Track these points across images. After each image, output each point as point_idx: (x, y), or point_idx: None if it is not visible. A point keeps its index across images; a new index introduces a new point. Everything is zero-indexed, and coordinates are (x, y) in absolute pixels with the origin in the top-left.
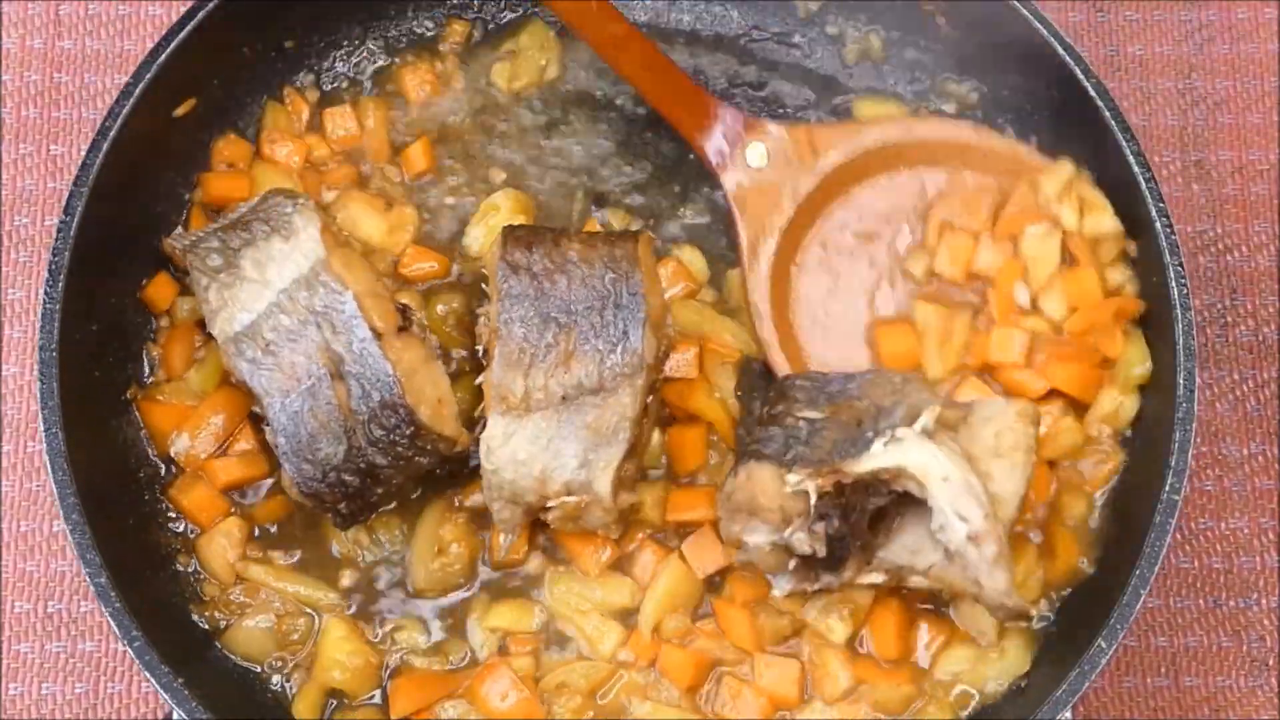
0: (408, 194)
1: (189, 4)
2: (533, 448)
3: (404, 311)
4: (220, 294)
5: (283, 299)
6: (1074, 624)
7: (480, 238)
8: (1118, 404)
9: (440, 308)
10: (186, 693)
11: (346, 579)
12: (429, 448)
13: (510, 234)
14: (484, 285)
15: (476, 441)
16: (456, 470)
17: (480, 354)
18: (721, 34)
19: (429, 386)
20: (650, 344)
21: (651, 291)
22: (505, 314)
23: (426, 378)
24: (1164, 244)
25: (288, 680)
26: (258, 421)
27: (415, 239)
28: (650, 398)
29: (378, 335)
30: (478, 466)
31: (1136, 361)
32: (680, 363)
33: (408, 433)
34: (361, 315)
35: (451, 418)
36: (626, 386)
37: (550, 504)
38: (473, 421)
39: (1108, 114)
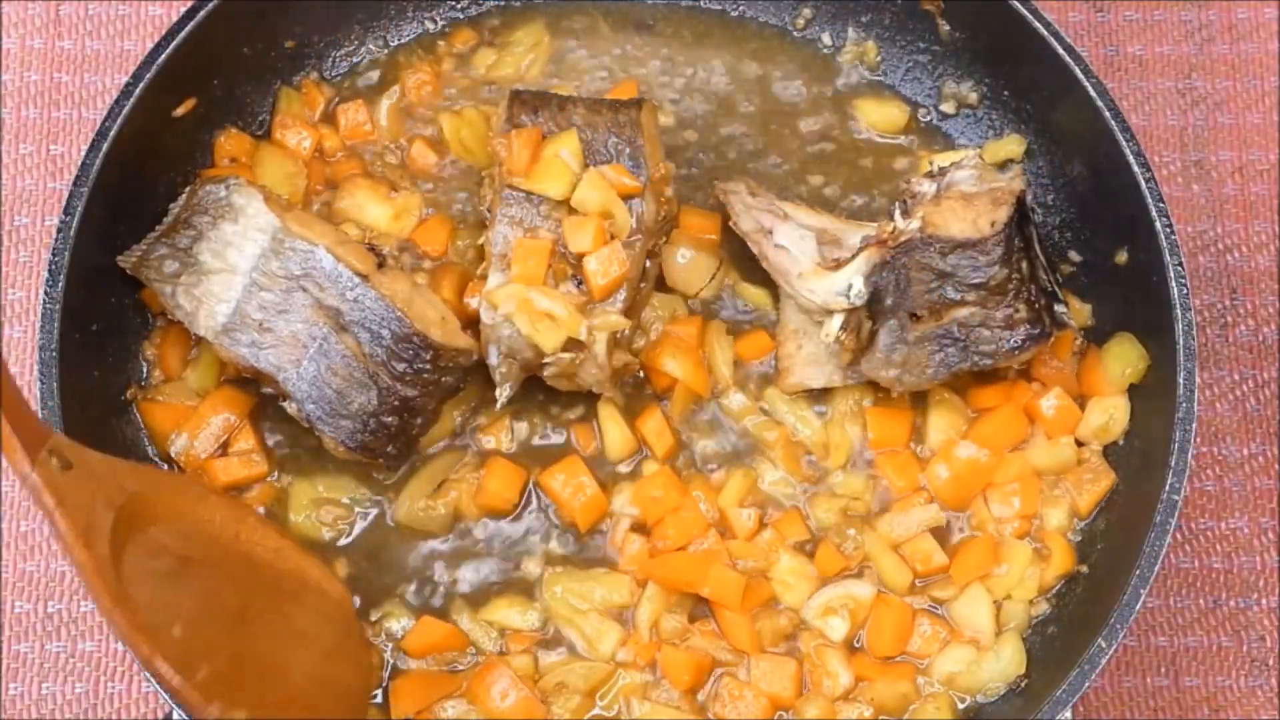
0: (412, 180)
1: (189, 4)
2: None
3: (374, 249)
4: (189, 294)
5: (257, 277)
6: (1074, 624)
7: None
8: (1108, 416)
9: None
10: None
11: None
12: (451, 365)
13: (516, 97)
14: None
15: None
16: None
17: (485, 213)
18: (722, 33)
19: (429, 309)
20: (650, 208)
21: (653, 157)
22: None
23: (423, 301)
24: (1164, 244)
25: None
26: (257, 421)
27: (420, 224)
28: (648, 262)
29: (363, 277)
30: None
31: (1128, 363)
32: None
33: (428, 358)
34: (342, 263)
35: (458, 330)
36: (626, 249)
37: (546, 360)
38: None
39: (1108, 114)
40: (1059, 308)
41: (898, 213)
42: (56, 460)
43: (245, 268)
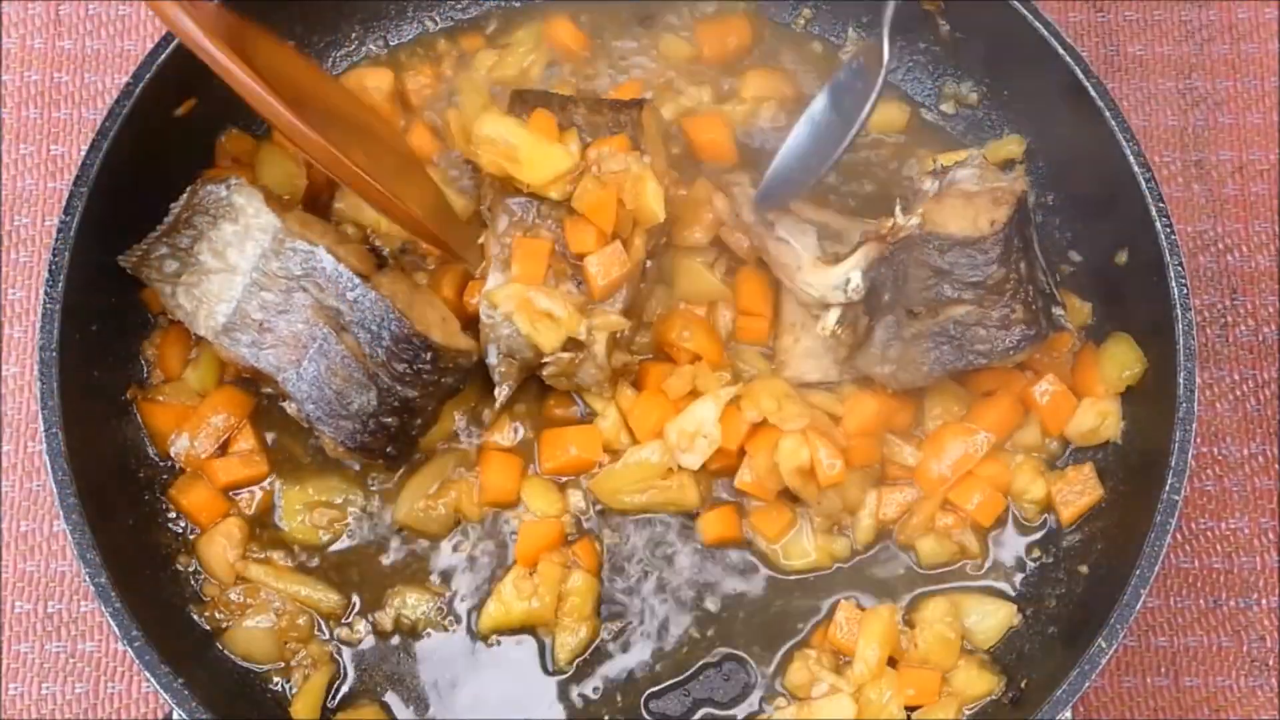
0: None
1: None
2: None
3: (375, 250)
4: (190, 294)
5: (257, 276)
6: (1074, 624)
7: None
8: (1100, 419)
9: None
10: (186, 693)
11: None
12: (451, 366)
13: (518, 96)
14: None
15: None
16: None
17: (484, 213)
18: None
19: (429, 310)
20: None
21: (655, 157)
22: None
23: (423, 302)
24: (1164, 244)
25: (288, 680)
26: (257, 421)
27: None
28: (649, 262)
29: (363, 278)
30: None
31: (1125, 365)
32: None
33: (428, 358)
34: (341, 264)
35: (458, 331)
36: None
37: (546, 359)
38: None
39: (1108, 114)
40: (1056, 310)
41: (898, 209)
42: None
43: (246, 267)
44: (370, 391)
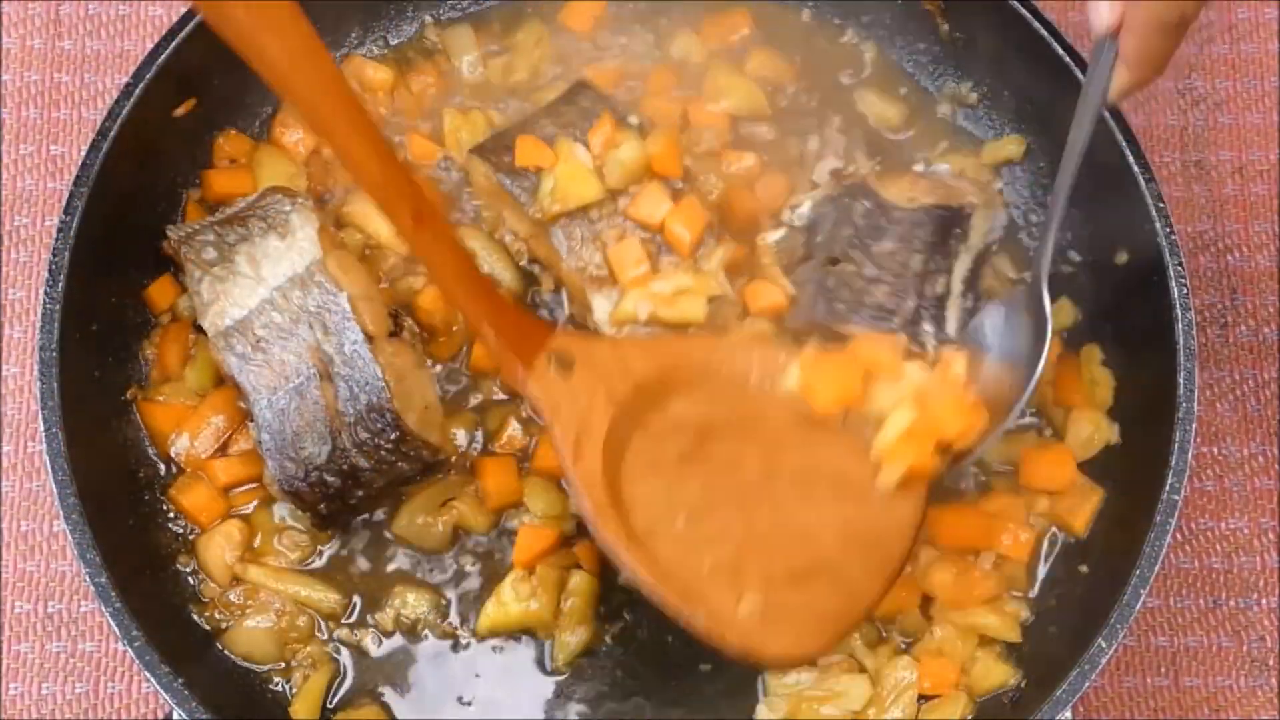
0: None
1: (189, 4)
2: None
3: (395, 317)
4: (213, 288)
5: (276, 296)
6: (1074, 624)
7: None
8: (1092, 428)
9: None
10: (186, 693)
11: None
12: (412, 454)
13: (481, 151)
14: (485, 212)
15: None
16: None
17: (528, 264)
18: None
19: (417, 393)
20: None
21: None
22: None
23: (415, 384)
24: (1164, 244)
25: (288, 680)
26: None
27: None
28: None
29: (369, 338)
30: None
31: (1097, 380)
32: None
33: (393, 437)
34: (354, 317)
35: (437, 425)
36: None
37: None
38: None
39: (1108, 114)
40: (927, 328)
41: (866, 157)
42: (556, 364)
43: (271, 284)
44: (325, 445)
